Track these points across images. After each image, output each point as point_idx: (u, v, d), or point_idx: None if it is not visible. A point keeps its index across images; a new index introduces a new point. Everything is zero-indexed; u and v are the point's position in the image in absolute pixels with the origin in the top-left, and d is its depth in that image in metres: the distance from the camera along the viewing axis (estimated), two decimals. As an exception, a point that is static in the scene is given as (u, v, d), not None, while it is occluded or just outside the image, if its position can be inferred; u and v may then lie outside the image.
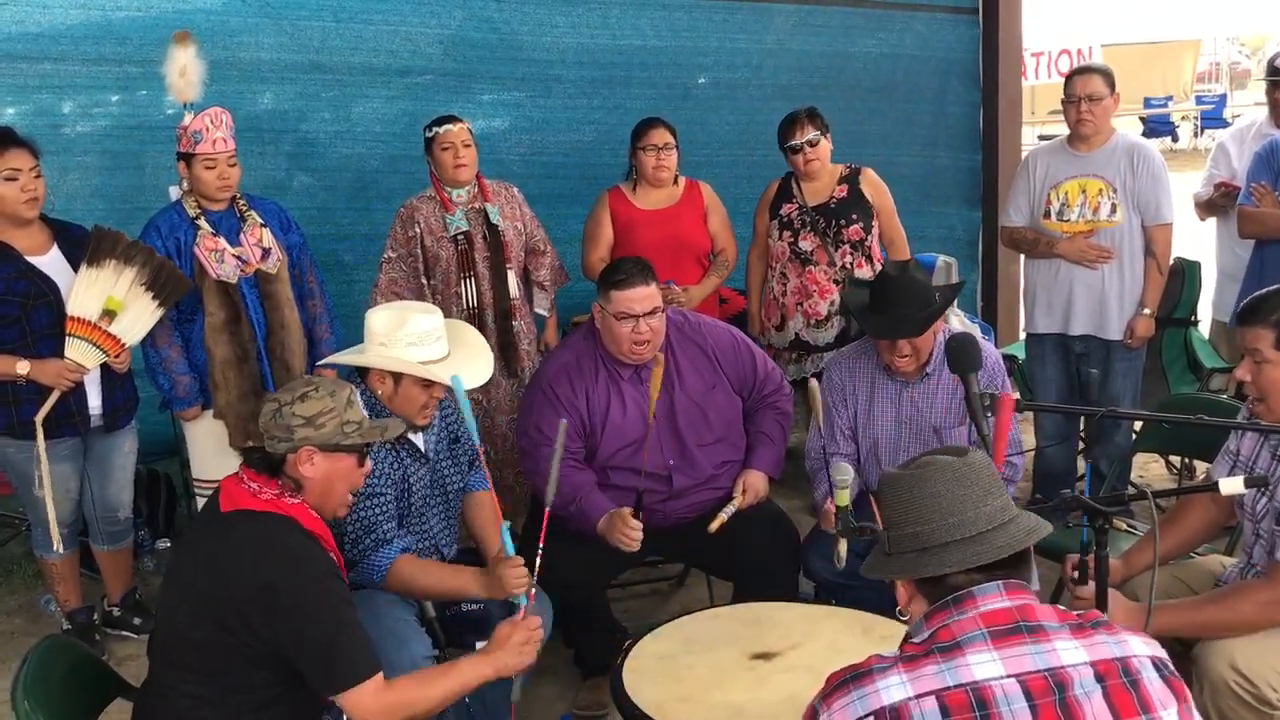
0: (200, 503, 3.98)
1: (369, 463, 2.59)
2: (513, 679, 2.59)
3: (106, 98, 4.91)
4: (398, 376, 2.94)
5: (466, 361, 3.03)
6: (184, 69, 3.79)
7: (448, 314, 4.05)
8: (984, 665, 1.59)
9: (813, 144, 4.50)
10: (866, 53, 6.47)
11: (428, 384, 2.94)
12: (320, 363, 3.79)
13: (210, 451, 3.92)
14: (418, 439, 3.05)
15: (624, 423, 3.41)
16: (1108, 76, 4.37)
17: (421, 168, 4.32)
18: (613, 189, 4.61)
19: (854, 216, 4.54)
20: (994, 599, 1.66)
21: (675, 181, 4.59)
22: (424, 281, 4.18)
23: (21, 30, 4.64)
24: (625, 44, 5.81)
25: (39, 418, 3.60)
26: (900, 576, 1.75)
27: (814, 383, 3.21)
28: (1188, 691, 1.64)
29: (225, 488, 2.43)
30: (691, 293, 4.47)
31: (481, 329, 4.10)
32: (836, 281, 4.53)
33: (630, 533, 3.20)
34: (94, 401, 3.77)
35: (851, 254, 4.54)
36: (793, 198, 4.61)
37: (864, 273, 4.48)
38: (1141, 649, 1.64)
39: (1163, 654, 1.66)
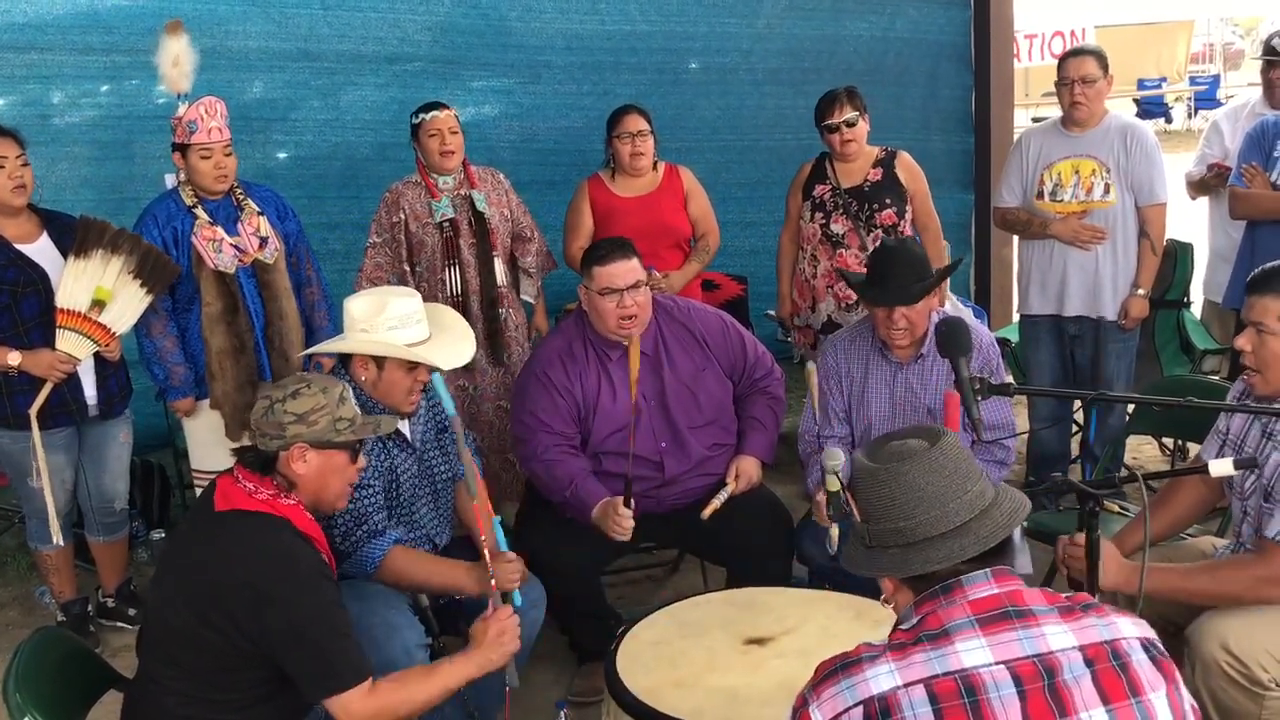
0: (198, 494, 3.98)
1: (362, 459, 2.58)
2: (505, 669, 2.59)
3: (95, 87, 4.89)
4: (380, 362, 2.93)
5: (448, 344, 3.03)
6: (177, 59, 3.77)
7: (433, 301, 4.05)
8: (972, 652, 1.58)
9: (850, 124, 4.42)
10: (857, 36, 6.46)
11: (411, 368, 2.93)
12: (306, 351, 3.79)
13: (208, 443, 3.91)
14: (404, 426, 3.05)
15: (614, 408, 3.42)
16: (1101, 58, 4.35)
17: (411, 155, 4.31)
18: (591, 177, 4.58)
19: (887, 200, 4.46)
20: (982, 587, 1.65)
21: (655, 167, 4.56)
22: (407, 268, 4.17)
23: (8, 20, 4.62)
24: (614, 29, 5.79)
25: (33, 410, 3.59)
26: (887, 575, 1.73)
27: (811, 365, 3.22)
28: (1176, 672, 1.64)
29: (220, 486, 2.42)
30: (672, 279, 4.44)
31: (467, 316, 4.08)
32: (840, 270, 4.50)
33: (622, 521, 3.20)
34: (89, 390, 3.76)
35: (884, 238, 4.50)
36: (826, 179, 4.53)
37: None
38: (1130, 630, 1.64)
39: (1151, 634, 1.66)
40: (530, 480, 3.59)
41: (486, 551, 2.75)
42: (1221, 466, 2.25)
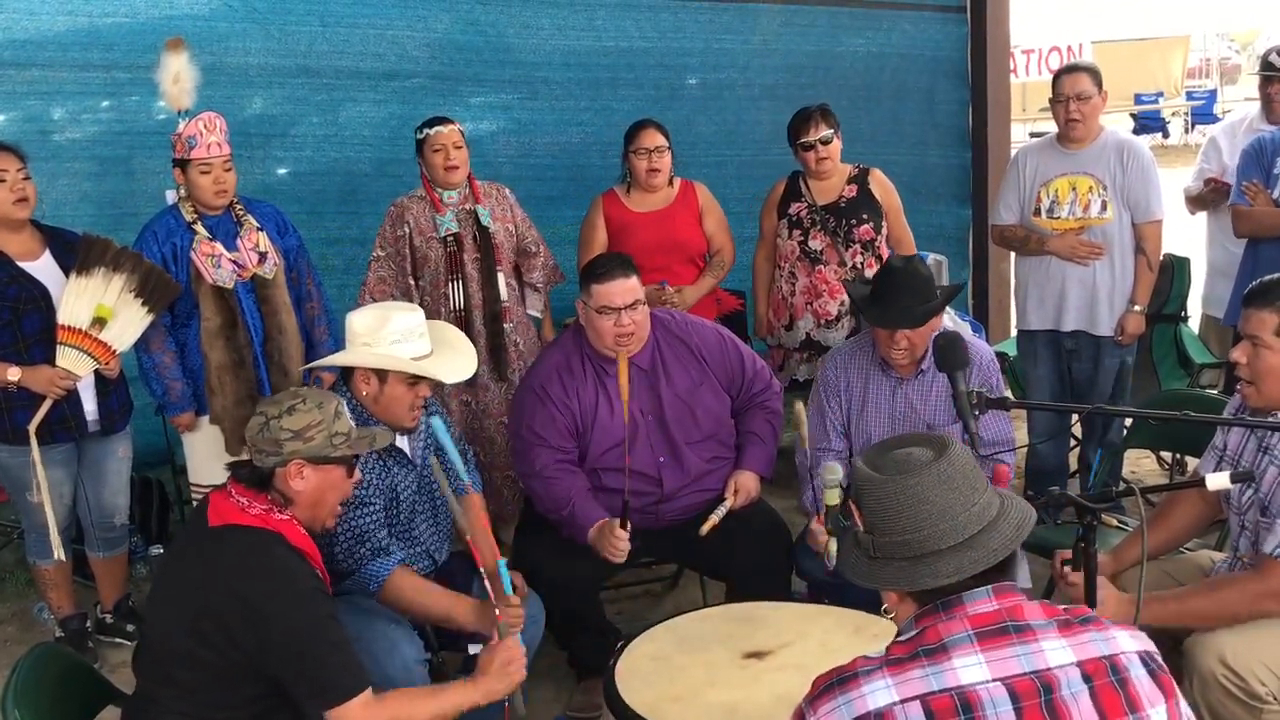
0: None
1: (358, 473, 2.58)
2: (511, 698, 2.59)
3: (95, 104, 4.91)
4: (383, 376, 2.93)
5: (450, 360, 3.03)
6: (177, 76, 3.78)
7: (436, 316, 4.06)
8: (970, 669, 1.58)
9: (825, 142, 4.46)
10: (854, 52, 6.48)
11: (413, 383, 2.93)
12: (307, 365, 3.80)
13: (207, 457, 3.91)
14: (403, 443, 3.05)
15: (612, 423, 3.42)
16: (1095, 75, 4.37)
17: (410, 171, 4.32)
18: (607, 192, 4.60)
19: (864, 216, 4.50)
20: (983, 603, 1.65)
21: (670, 183, 4.58)
22: (411, 282, 4.17)
23: (9, 37, 4.64)
24: (611, 46, 5.81)
25: (32, 426, 3.59)
26: (893, 588, 1.72)
27: (799, 405, 3.23)
28: (1177, 687, 1.64)
29: (214, 502, 2.42)
30: (686, 294, 4.47)
31: (469, 331, 4.09)
32: (845, 280, 4.52)
33: (618, 544, 3.20)
34: (89, 406, 3.76)
35: (862, 254, 4.52)
36: (801, 196, 4.57)
37: (873, 273, 4.45)
38: (1129, 644, 1.63)
39: (1151, 648, 1.66)
40: (529, 496, 3.59)
41: (489, 583, 2.74)
42: (1218, 480, 2.26)
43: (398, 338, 2.91)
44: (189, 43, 3.85)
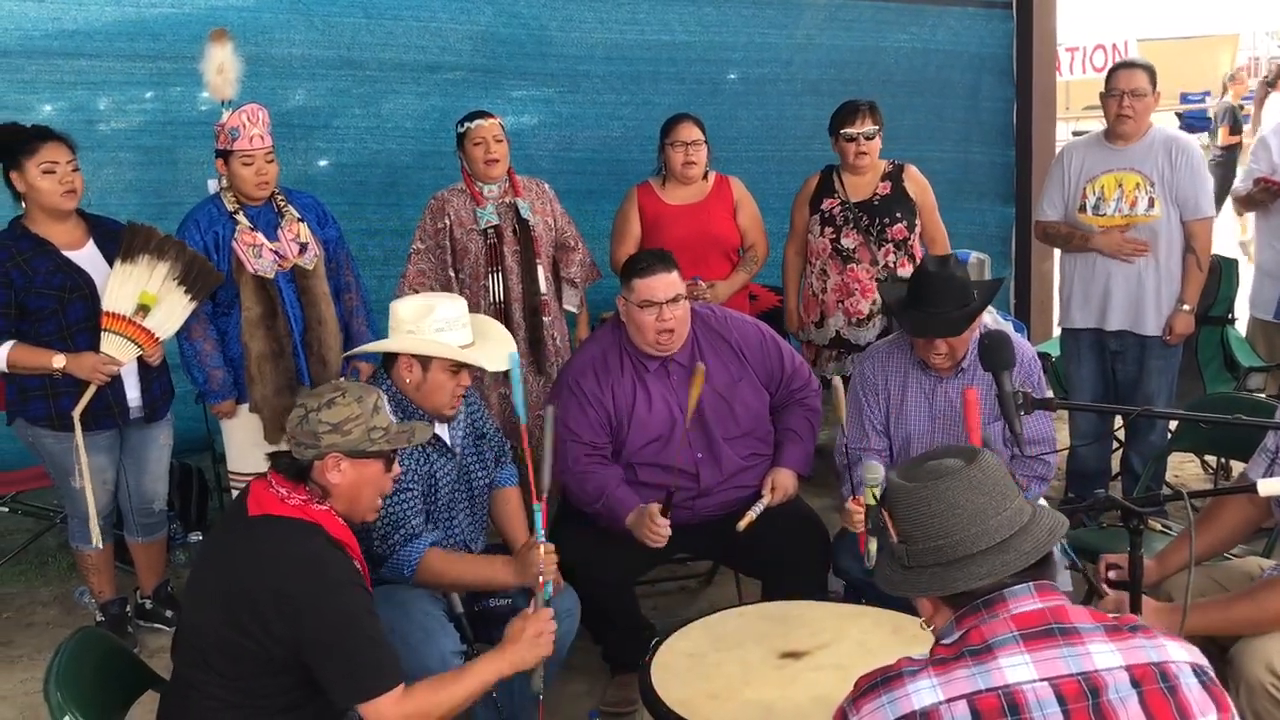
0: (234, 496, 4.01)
1: (397, 467, 2.58)
2: (532, 672, 2.58)
3: (141, 94, 4.96)
4: (426, 364, 2.94)
5: (491, 350, 3.04)
6: (221, 66, 3.81)
7: (475, 308, 4.06)
8: (1016, 668, 1.56)
9: (868, 137, 4.42)
10: (898, 48, 6.43)
11: (456, 371, 2.94)
12: (348, 353, 3.81)
13: (246, 445, 3.94)
14: (443, 432, 3.05)
15: (650, 418, 3.41)
16: (1151, 73, 4.30)
17: (451, 163, 4.33)
18: (641, 184, 4.59)
19: (898, 215, 4.45)
20: (1025, 600, 1.63)
21: (705, 177, 4.56)
22: (451, 274, 4.19)
23: (58, 27, 4.70)
24: (654, 39, 5.80)
25: (76, 412, 3.63)
26: (928, 594, 1.71)
27: (838, 382, 3.19)
28: (1229, 700, 1.60)
29: (254, 491, 2.43)
30: (719, 288, 4.45)
31: (509, 324, 4.10)
32: (879, 280, 4.47)
33: (658, 529, 3.19)
34: (132, 394, 3.80)
35: (894, 253, 4.47)
36: (834, 192, 4.53)
37: (906, 272, 4.38)
38: (1180, 654, 1.61)
39: (1203, 660, 1.63)
40: (562, 490, 3.58)
41: (542, 529, 2.73)
42: (1272, 485, 2.21)
43: (442, 326, 2.92)
44: (233, 34, 3.87)
